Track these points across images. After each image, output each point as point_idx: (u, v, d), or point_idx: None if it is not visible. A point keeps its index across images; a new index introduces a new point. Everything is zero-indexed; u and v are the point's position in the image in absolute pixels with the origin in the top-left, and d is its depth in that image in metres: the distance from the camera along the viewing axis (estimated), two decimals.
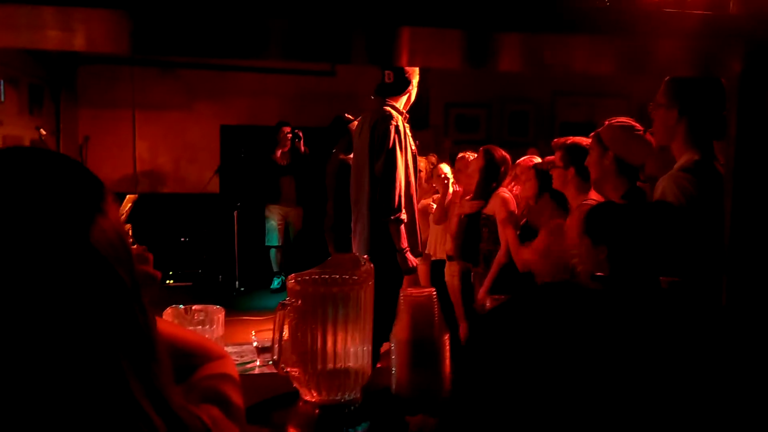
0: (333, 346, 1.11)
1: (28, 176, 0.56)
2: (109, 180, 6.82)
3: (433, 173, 3.95)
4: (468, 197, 3.44)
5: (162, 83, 6.78)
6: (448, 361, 1.18)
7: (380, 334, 1.24)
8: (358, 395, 1.17)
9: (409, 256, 2.69)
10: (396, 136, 2.65)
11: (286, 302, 1.08)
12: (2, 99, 5.04)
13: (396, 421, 1.11)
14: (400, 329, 1.17)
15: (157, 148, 6.95)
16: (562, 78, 6.92)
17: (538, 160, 3.68)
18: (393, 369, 1.19)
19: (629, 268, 1.70)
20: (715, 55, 1.04)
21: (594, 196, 2.37)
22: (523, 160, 3.35)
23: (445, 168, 3.80)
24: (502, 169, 3.21)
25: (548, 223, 2.48)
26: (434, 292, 1.17)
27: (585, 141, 2.35)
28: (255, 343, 2.40)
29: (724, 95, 1.37)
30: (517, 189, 3.18)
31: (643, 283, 1.63)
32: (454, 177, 3.86)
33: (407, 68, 2.73)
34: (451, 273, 3.52)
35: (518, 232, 2.88)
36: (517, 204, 3.08)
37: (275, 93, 6.90)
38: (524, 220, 2.95)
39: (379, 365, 2.40)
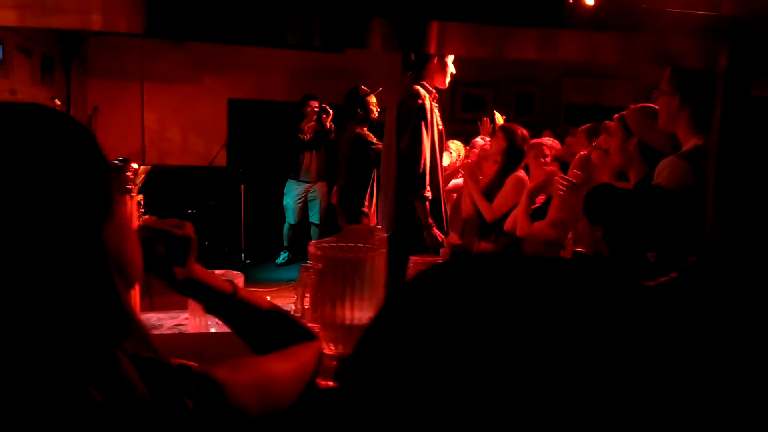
0: (350, 306, 1.23)
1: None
2: (118, 150, 6.91)
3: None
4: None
5: (171, 56, 6.83)
6: None
7: None
8: None
9: (436, 231, 2.77)
10: (421, 114, 2.72)
11: (309, 266, 1.20)
12: (4, 64, 5.11)
13: None
14: None
15: (165, 120, 7.03)
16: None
17: (550, 141, 3.76)
18: None
19: (621, 248, 1.82)
20: (706, 50, 1.14)
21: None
22: (537, 141, 3.43)
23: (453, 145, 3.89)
24: (525, 149, 3.25)
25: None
26: (440, 260, 1.29)
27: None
28: None
29: None
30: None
31: (630, 260, 1.75)
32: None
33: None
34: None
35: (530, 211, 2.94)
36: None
37: (283, 68, 6.95)
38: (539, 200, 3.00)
39: None
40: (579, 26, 1.35)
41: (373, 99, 4.29)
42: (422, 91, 2.79)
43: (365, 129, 4.19)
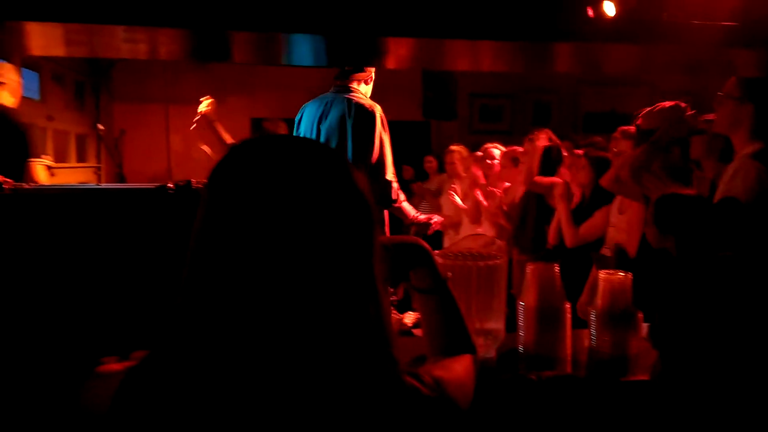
0: (476, 311, 1.30)
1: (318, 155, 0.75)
2: (145, 172, 7.02)
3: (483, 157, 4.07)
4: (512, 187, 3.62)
5: (193, 78, 6.94)
6: (569, 326, 1.37)
7: None
8: (494, 354, 1.36)
9: (420, 219, 2.74)
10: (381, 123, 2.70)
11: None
12: (38, 97, 5.22)
13: (523, 376, 1.30)
14: (528, 297, 1.36)
15: (190, 141, 7.12)
16: None
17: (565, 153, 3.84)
18: (520, 333, 1.38)
19: (694, 252, 1.87)
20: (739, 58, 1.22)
21: None
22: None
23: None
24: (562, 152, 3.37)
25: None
26: (557, 266, 1.36)
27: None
28: None
29: None
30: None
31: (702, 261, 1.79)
32: (480, 169, 4.05)
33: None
34: None
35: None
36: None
37: (304, 87, 7.02)
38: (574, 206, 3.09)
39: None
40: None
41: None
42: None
43: None
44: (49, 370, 1.39)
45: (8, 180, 1.49)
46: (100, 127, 4.69)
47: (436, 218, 2.83)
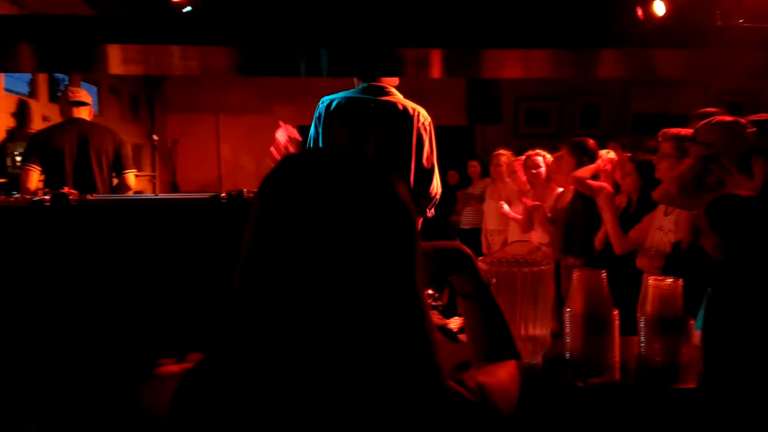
0: (521, 318, 1.31)
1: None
2: (196, 180, 7.25)
3: (526, 164, 4.02)
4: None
5: (242, 88, 7.15)
6: (617, 333, 1.36)
7: None
8: (540, 360, 1.37)
9: None
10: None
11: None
12: (97, 110, 5.46)
13: (569, 382, 1.30)
14: (574, 304, 1.35)
15: (238, 149, 7.34)
16: None
17: (612, 155, 3.77)
18: (567, 339, 1.37)
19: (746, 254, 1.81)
20: None
21: None
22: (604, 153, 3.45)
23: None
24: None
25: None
26: (605, 273, 1.35)
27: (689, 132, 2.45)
28: None
29: None
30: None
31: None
32: (525, 175, 4.00)
33: None
34: None
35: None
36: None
37: None
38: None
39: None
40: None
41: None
42: None
43: None
44: (112, 372, 1.47)
45: (74, 191, 1.59)
46: (155, 137, 4.88)
47: None
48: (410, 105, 2.65)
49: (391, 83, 2.72)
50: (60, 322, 1.53)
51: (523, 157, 4.08)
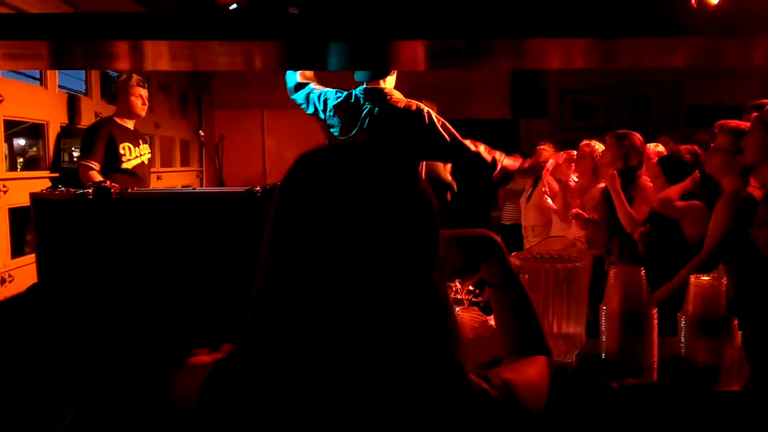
0: (554, 315, 1.28)
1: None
2: (243, 174, 7.37)
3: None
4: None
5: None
6: (655, 332, 1.31)
7: None
8: (573, 359, 1.33)
9: None
10: None
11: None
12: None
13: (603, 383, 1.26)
14: (611, 302, 1.31)
15: (283, 143, 7.42)
16: None
17: (661, 149, 3.63)
18: (603, 338, 1.33)
19: None
20: None
21: (755, 184, 2.36)
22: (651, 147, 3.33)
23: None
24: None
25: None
26: (643, 270, 1.30)
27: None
28: None
29: None
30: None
31: None
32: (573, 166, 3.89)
33: None
34: None
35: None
36: None
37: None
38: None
39: None
40: None
41: None
42: None
43: None
44: (146, 361, 1.51)
45: (115, 185, 1.64)
46: (202, 133, 5.00)
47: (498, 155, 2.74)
48: (413, 102, 2.74)
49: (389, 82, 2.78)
50: (101, 309, 1.58)
51: (563, 153, 4.00)
